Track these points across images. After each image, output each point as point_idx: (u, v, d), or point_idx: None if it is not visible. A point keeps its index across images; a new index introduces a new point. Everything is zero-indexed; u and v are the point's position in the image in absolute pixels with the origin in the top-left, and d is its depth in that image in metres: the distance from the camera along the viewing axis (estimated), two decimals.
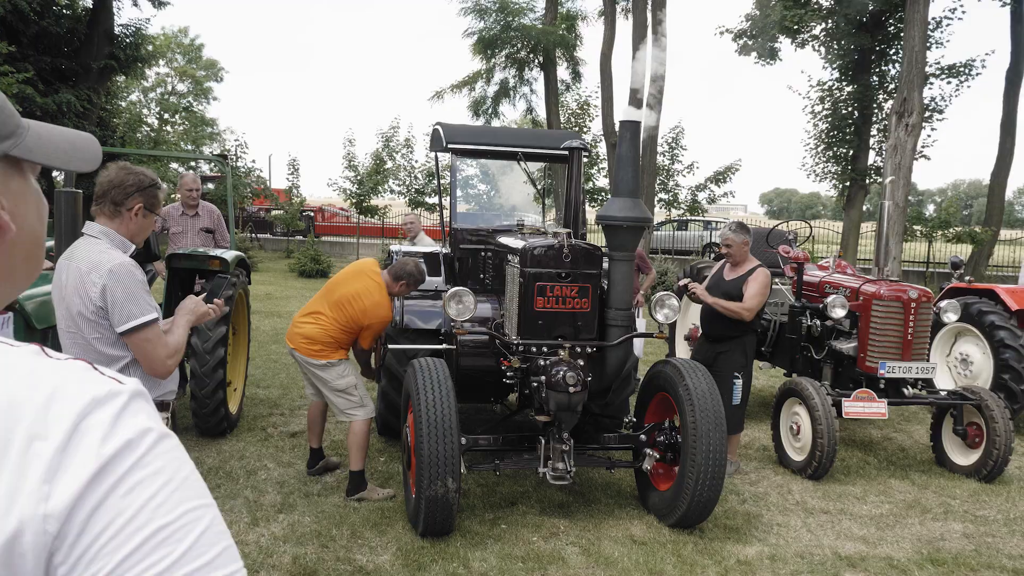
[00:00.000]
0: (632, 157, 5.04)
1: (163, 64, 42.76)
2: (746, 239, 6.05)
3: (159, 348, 2.94)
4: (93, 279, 2.86)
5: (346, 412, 5.29)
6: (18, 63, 14.98)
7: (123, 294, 2.85)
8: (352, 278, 5.39)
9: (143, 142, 24.99)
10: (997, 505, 5.71)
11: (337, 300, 5.27)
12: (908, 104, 14.28)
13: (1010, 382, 7.15)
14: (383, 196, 27.38)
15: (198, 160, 26.12)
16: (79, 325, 2.91)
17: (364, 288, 5.29)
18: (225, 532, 0.79)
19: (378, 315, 5.30)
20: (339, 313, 5.25)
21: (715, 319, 6.02)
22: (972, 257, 20.55)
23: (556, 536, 4.82)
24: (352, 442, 5.28)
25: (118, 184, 2.99)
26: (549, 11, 21.49)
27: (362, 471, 5.32)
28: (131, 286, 2.88)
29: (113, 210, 3.00)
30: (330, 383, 5.25)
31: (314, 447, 5.69)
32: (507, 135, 7.76)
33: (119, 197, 2.99)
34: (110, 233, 2.99)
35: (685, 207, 25.59)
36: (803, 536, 5.03)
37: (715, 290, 6.02)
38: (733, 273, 6.07)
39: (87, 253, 2.93)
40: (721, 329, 5.99)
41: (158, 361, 2.95)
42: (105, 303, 2.85)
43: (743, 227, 6.14)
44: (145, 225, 3.10)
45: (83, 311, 2.88)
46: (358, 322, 5.27)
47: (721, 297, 5.93)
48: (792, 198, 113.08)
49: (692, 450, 4.72)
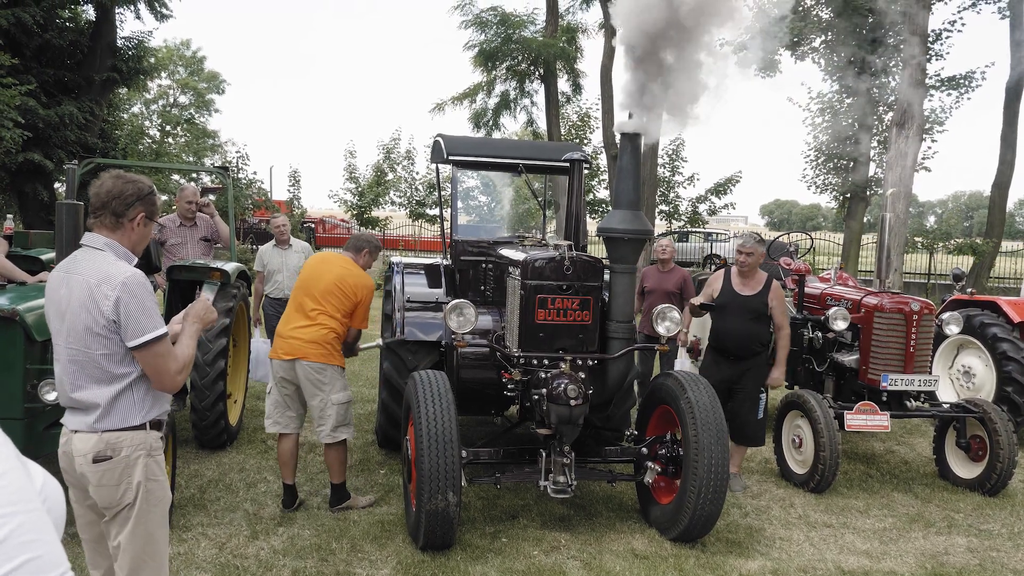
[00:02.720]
0: (633, 169, 5.04)
1: (165, 76, 42.92)
2: (763, 252, 6.06)
3: (170, 362, 2.85)
4: (105, 291, 2.73)
5: (337, 429, 5.16)
6: (21, 75, 15.01)
7: (137, 307, 2.75)
8: (324, 267, 5.33)
9: (145, 154, 25.05)
10: (1001, 519, 5.68)
11: (324, 290, 5.18)
12: (908, 116, 14.30)
13: (1013, 394, 7.12)
14: (384, 208, 27.44)
15: (200, 172, 26.17)
16: (86, 341, 2.77)
17: (342, 270, 5.29)
18: (36, 541, 0.75)
19: (365, 285, 5.32)
20: (333, 300, 5.18)
21: (745, 337, 5.89)
22: (973, 269, 20.54)
23: (557, 550, 4.79)
24: (336, 459, 5.24)
25: (117, 195, 2.87)
26: (550, 24, 21.57)
27: (344, 483, 5.33)
28: (145, 299, 2.78)
29: (115, 222, 2.89)
30: (332, 393, 5.13)
31: (289, 483, 5.33)
32: (508, 147, 7.77)
33: (120, 208, 2.88)
34: (114, 245, 2.88)
35: (686, 219, 25.64)
36: (806, 550, 5.00)
37: (735, 307, 5.90)
38: (747, 287, 5.95)
39: (94, 265, 2.80)
40: (750, 345, 5.91)
41: (168, 376, 2.86)
42: (118, 316, 2.73)
43: (762, 241, 6.08)
44: (145, 234, 2.99)
45: (92, 326, 2.75)
46: (351, 300, 5.23)
47: (747, 314, 5.86)
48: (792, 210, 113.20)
49: (694, 463, 4.69)
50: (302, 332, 5.13)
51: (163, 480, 2.96)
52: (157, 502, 2.91)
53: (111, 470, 2.79)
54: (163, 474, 2.97)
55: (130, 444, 2.83)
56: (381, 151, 27.55)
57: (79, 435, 2.82)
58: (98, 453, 2.78)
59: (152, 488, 2.88)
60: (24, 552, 0.74)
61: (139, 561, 2.83)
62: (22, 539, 0.74)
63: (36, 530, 0.76)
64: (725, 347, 5.99)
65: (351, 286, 5.23)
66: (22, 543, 0.74)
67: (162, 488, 2.95)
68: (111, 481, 2.79)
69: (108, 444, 2.80)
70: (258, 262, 8.29)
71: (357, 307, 5.28)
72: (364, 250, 5.50)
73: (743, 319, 5.89)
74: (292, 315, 5.26)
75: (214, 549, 4.60)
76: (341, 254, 5.51)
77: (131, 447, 2.83)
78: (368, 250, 5.52)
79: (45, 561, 0.75)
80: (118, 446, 2.81)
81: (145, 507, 2.86)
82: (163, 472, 2.98)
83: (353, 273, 5.30)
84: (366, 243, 5.54)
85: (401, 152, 27.74)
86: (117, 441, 2.81)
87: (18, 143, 14.52)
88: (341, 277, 5.23)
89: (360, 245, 5.52)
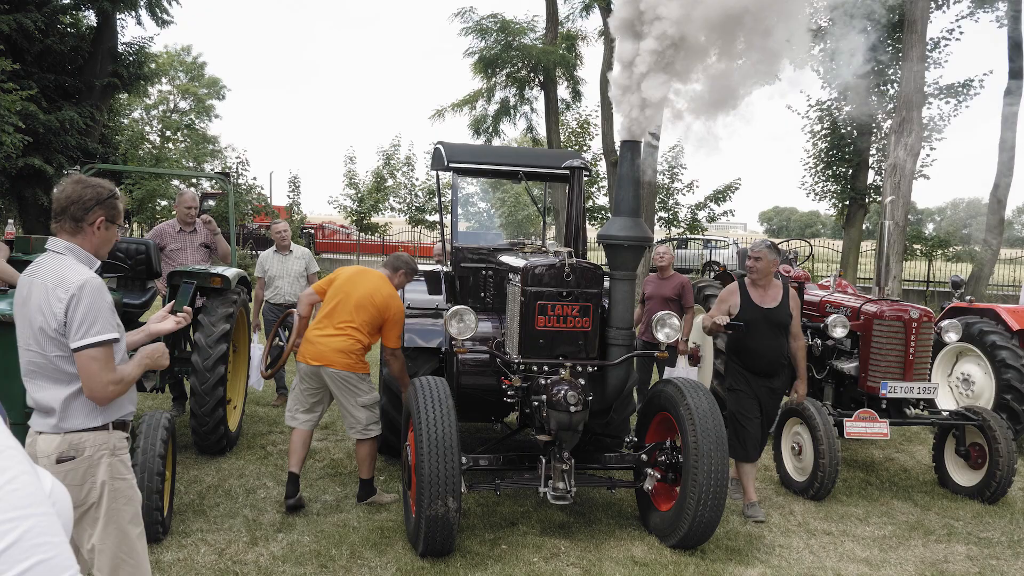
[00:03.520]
0: (633, 177, 5.05)
1: (165, 82, 42.95)
2: (776, 260, 5.70)
3: (105, 372, 2.82)
4: (59, 294, 2.77)
5: (368, 427, 5.38)
6: (22, 80, 15.04)
7: (84, 311, 2.76)
8: (359, 280, 5.47)
9: (145, 159, 25.05)
10: (1000, 527, 5.68)
11: (357, 303, 5.35)
12: (907, 124, 14.34)
13: (1012, 402, 7.13)
14: (383, 214, 27.48)
15: (200, 177, 26.18)
16: (42, 343, 2.82)
17: (375, 284, 5.44)
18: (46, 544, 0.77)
19: (396, 305, 5.44)
20: (363, 315, 5.34)
21: (776, 353, 5.57)
22: (972, 276, 20.56)
23: (557, 557, 4.79)
24: (367, 454, 5.45)
25: (76, 199, 2.89)
26: (550, 31, 21.62)
27: (372, 478, 5.55)
28: (96, 303, 2.79)
29: (74, 226, 2.91)
30: (361, 397, 5.35)
31: (294, 472, 5.40)
32: (509, 154, 7.79)
33: (79, 213, 2.89)
34: (75, 249, 2.90)
35: (685, 226, 25.68)
36: (805, 558, 4.99)
37: (760, 321, 5.51)
38: (768, 298, 5.60)
39: (53, 269, 2.84)
40: (780, 360, 5.63)
41: (98, 384, 2.82)
42: (67, 318, 2.77)
43: (775, 247, 5.75)
44: (108, 237, 3.01)
45: (45, 327, 2.80)
46: (382, 315, 5.37)
47: (774, 328, 5.53)
48: (791, 216, 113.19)
49: (694, 470, 4.69)
50: (330, 341, 5.30)
51: (130, 478, 3.00)
52: (127, 501, 2.95)
53: (74, 470, 2.84)
54: (130, 473, 3.01)
55: (93, 444, 2.88)
56: (381, 157, 27.64)
57: (43, 436, 2.87)
58: (61, 454, 2.84)
59: (119, 487, 2.93)
60: (36, 554, 0.75)
61: (117, 560, 2.87)
62: (34, 541, 0.76)
63: (47, 533, 0.78)
64: (755, 366, 5.58)
65: (382, 301, 5.37)
66: (34, 545, 0.75)
67: (130, 487, 2.99)
68: (75, 481, 2.83)
69: (71, 445, 2.85)
70: (259, 268, 8.31)
71: (385, 323, 5.40)
72: (400, 271, 5.67)
73: (771, 334, 5.54)
74: (323, 321, 5.42)
75: (213, 555, 4.59)
76: (379, 271, 5.66)
77: (94, 447, 2.88)
78: (404, 271, 5.69)
79: (56, 563, 0.77)
80: (81, 446, 2.86)
81: (114, 506, 2.90)
82: (130, 471, 3.02)
83: (384, 290, 5.43)
84: (404, 264, 5.72)
85: (401, 158, 27.82)
86: (80, 442, 2.87)
87: (19, 148, 14.53)
88: (373, 292, 5.39)
89: (398, 265, 5.68)
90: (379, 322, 5.39)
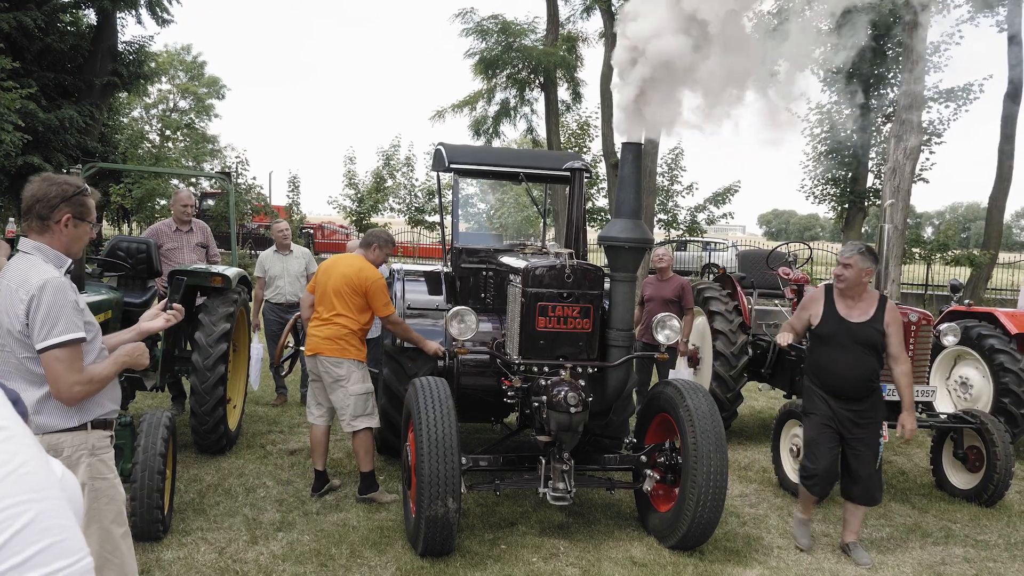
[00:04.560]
0: (634, 178, 5.06)
1: (165, 81, 42.98)
2: (871, 268, 4.76)
3: (71, 373, 2.77)
4: (21, 295, 2.74)
5: (357, 418, 5.37)
6: (22, 79, 15.05)
7: (46, 311, 2.72)
8: (332, 268, 5.54)
9: (144, 158, 25.06)
10: (998, 530, 5.69)
11: (335, 290, 5.41)
12: (907, 127, 14.37)
13: (1010, 406, 7.14)
14: (383, 214, 27.50)
15: (200, 177, 26.18)
16: (10, 344, 2.80)
17: (349, 267, 5.48)
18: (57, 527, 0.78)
19: (370, 276, 5.43)
20: (343, 299, 5.39)
21: (859, 375, 4.75)
22: (971, 280, 20.60)
23: (556, 557, 4.80)
24: (361, 447, 5.44)
25: (41, 197, 2.85)
26: (550, 32, 21.65)
27: (372, 472, 5.53)
28: (58, 303, 2.74)
29: (41, 225, 2.86)
30: (349, 385, 5.36)
31: (320, 469, 5.65)
32: (509, 156, 7.81)
33: (44, 211, 2.85)
34: (43, 248, 2.86)
35: (684, 227, 25.72)
36: (803, 559, 5.01)
37: (844, 337, 4.75)
38: (857, 311, 4.79)
39: (19, 270, 2.82)
40: (866, 383, 4.81)
41: (64, 385, 2.77)
42: (30, 319, 2.74)
43: (871, 253, 4.81)
44: (79, 235, 2.95)
45: (11, 329, 2.77)
46: (360, 293, 5.39)
47: (860, 346, 4.72)
48: (790, 219, 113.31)
49: (693, 471, 4.70)
50: (319, 330, 5.44)
51: (112, 478, 2.99)
52: (109, 500, 2.94)
53: None
54: (112, 472, 3.00)
55: (71, 445, 2.87)
56: (381, 157, 27.67)
57: None
58: None
59: (101, 487, 2.92)
60: (47, 537, 0.76)
61: (101, 560, 2.86)
62: (45, 524, 0.77)
63: (58, 516, 0.79)
64: (834, 387, 4.82)
65: (356, 279, 5.41)
66: (45, 528, 0.77)
67: (112, 486, 2.98)
68: None
69: (49, 445, 2.83)
70: (259, 268, 8.32)
71: (368, 297, 5.42)
72: (373, 245, 5.68)
73: (855, 352, 4.74)
74: (315, 315, 5.56)
75: (213, 554, 4.60)
76: (352, 253, 5.71)
77: (72, 448, 2.86)
78: (377, 244, 5.69)
79: (66, 546, 0.78)
80: (59, 447, 2.85)
81: (95, 506, 2.89)
82: (112, 471, 3.01)
83: (356, 267, 5.46)
84: (375, 238, 5.73)
85: (400, 159, 27.85)
86: (58, 443, 2.85)
87: (18, 146, 14.55)
88: (345, 274, 5.43)
89: (369, 240, 5.71)
90: (362, 300, 5.42)
